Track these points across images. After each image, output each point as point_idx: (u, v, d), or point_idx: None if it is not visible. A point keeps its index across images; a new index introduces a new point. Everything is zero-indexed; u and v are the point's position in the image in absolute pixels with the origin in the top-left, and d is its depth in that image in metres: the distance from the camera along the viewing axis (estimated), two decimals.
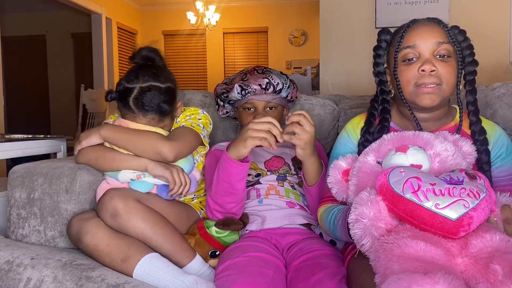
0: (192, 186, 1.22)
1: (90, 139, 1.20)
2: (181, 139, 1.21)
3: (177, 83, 1.31)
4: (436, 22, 1.03)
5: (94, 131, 1.20)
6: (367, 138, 1.06)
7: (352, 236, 0.84)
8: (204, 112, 1.37)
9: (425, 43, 0.99)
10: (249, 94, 1.35)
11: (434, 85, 0.98)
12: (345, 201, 0.99)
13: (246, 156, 1.11)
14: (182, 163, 1.22)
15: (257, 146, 1.08)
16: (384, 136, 0.96)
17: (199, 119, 1.34)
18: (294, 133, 1.08)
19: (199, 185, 1.38)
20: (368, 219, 0.79)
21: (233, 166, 1.11)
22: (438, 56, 1.00)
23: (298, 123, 1.08)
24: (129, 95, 1.16)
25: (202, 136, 1.30)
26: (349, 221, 0.83)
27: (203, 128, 1.32)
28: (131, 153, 1.18)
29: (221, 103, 1.45)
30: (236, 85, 1.35)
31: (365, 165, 0.92)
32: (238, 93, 1.35)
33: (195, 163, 1.33)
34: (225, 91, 1.40)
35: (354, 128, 1.13)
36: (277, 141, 1.07)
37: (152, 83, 1.17)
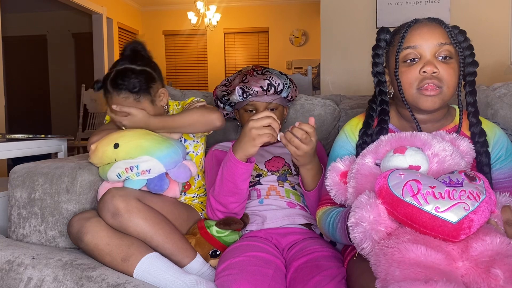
0: (184, 174, 1.23)
1: (139, 114, 1.23)
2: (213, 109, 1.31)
3: (178, 83, 1.35)
4: (437, 22, 1.02)
5: (143, 114, 1.24)
6: (365, 140, 1.05)
7: (352, 239, 0.83)
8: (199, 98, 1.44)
9: (427, 44, 0.98)
10: (250, 96, 1.35)
11: (436, 88, 0.97)
12: (344, 204, 0.98)
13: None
14: (166, 149, 1.21)
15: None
16: (382, 137, 0.95)
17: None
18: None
19: (198, 182, 1.38)
20: (368, 223, 0.78)
21: (238, 166, 1.11)
22: (439, 58, 0.99)
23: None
24: (107, 79, 1.24)
25: None
26: (348, 225, 0.83)
27: None
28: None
29: (221, 105, 1.45)
30: (237, 87, 1.35)
31: (363, 167, 0.91)
32: (239, 95, 1.35)
33: (189, 157, 1.35)
34: (225, 93, 1.40)
35: (352, 130, 1.12)
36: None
37: (127, 66, 1.25)
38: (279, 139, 1.09)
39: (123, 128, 1.23)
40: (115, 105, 1.22)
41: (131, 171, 1.16)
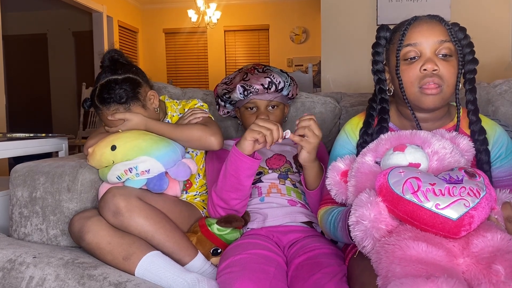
0: (183, 172, 1.23)
1: (135, 118, 1.22)
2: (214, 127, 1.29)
3: (178, 81, 1.34)
4: (437, 19, 1.01)
5: (140, 117, 1.23)
6: (366, 139, 1.05)
7: (353, 238, 0.83)
8: (202, 102, 1.44)
9: (427, 41, 0.98)
10: (251, 94, 1.35)
11: (437, 87, 0.96)
12: (345, 203, 0.98)
13: (252, 153, 1.11)
14: (162, 149, 1.20)
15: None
16: (382, 135, 0.95)
17: (203, 107, 1.41)
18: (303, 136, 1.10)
19: (200, 181, 1.38)
20: (368, 221, 0.79)
21: (242, 161, 1.11)
22: (439, 55, 0.98)
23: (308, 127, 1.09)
24: (94, 96, 1.24)
25: None
26: (349, 223, 0.83)
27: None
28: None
29: (222, 103, 1.45)
30: (238, 85, 1.35)
31: (363, 165, 0.91)
32: (240, 93, 1.35)
33: (189, 155, 1.34)
34: (226, 91, 1.40)
35: (353, 129, 1.12)
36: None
37: (109, 78, 1.23)
38: (286, 137, 1.10)
39: (120, 130, 1.23)
40: (109, 116, 1.22)
41: (130, 172, 1.16)
